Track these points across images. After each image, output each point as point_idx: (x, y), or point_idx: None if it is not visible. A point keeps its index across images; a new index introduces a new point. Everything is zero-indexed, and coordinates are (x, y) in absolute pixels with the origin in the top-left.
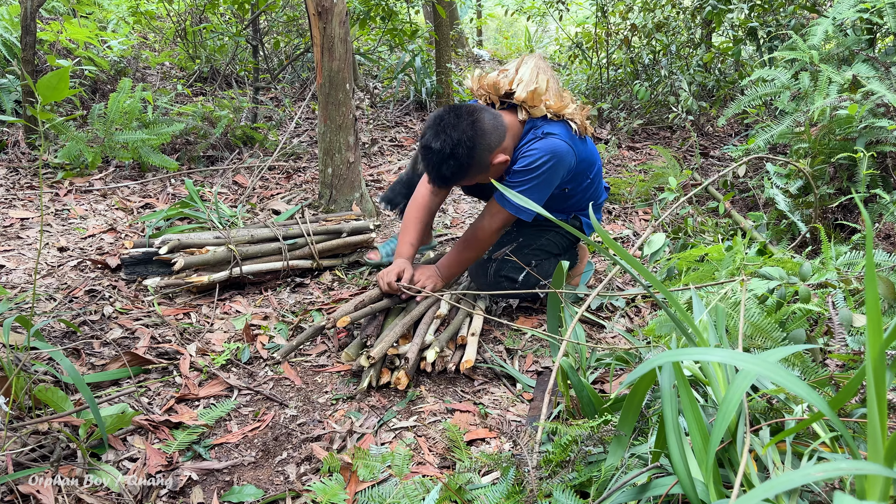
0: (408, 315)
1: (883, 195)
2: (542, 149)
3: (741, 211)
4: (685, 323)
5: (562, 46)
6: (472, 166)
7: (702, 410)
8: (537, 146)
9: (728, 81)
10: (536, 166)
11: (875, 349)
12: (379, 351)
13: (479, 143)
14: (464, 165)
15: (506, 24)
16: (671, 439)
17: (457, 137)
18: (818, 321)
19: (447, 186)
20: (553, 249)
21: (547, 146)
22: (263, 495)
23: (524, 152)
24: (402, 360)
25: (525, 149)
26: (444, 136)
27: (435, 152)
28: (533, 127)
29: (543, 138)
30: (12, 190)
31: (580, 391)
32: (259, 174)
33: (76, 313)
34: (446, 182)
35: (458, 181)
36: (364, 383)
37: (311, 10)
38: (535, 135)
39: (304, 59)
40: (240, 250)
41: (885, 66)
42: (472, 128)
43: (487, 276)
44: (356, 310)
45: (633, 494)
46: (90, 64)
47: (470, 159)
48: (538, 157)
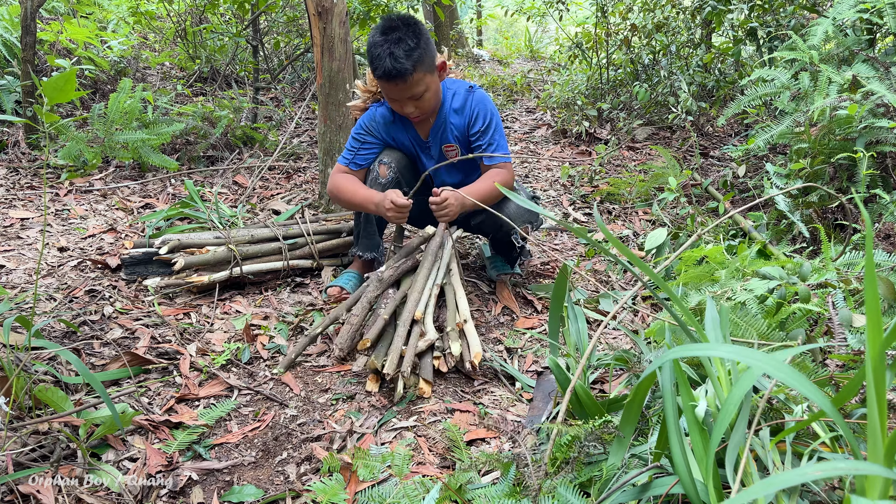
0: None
1: (883, 195)
2: (483, 99)
3: (742, 212)
4: (685, 320)
5: (562, 46)
6: (425, 50)
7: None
8: (478, 98)
9: (728, 81)
10: (494, 114)
11: (875, 349)
12: (391, 365)
13: (424, 29)
14: (418, 45)
15: (506, 24)
16: (673, 439)
17: (405, 21)
18: (818, 321)
19: (401, 76)
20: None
21: (481, 96)
22: (263, 495)
23: (478, 111)
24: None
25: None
26: (392, 22)
27: (388, 40)
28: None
29: (473, 91)
30: (12, 190)
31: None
32: (259, 174)
33: (76, 313)
34: (399, 70)
35: (410, 69)
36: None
37: (311, 10)
38: (456, 89)
39: (304, 59)
40: (240, 250)
41: (885, 66)
42: (413, 18)
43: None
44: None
45: (634, 494)
46: (90, 64)
47: (421, 38)
48: (487, 106)
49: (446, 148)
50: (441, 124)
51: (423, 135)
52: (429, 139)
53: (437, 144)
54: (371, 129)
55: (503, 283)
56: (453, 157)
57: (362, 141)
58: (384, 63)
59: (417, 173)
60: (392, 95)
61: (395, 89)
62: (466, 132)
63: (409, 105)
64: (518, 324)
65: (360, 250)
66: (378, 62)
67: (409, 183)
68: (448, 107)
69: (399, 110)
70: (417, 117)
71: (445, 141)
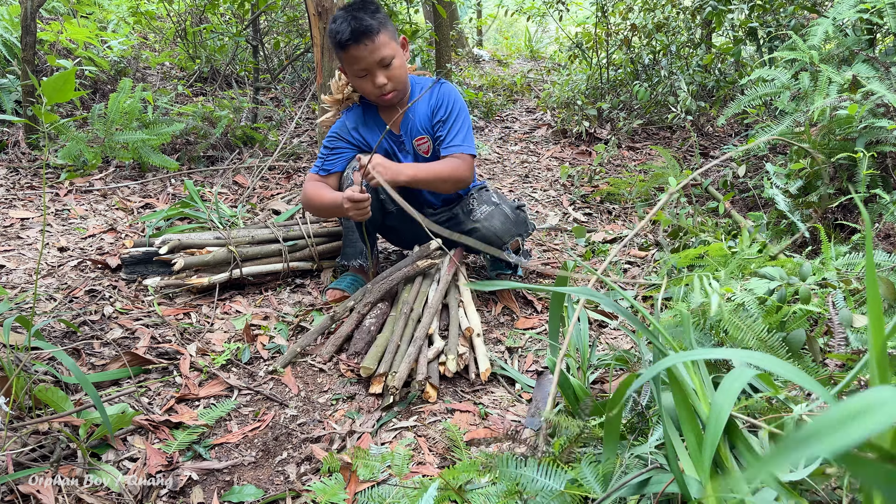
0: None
1: (883, 195)
2: (451, 90)
3: (741, 211)
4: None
5: (562, 46)
6: (386, 18)
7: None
8: (445, 90)
9: (728, 81)
10: (460, 106)
11: (878, 346)
12: (399, 380)
13: (381, 7)
14: (378, 11)
15: (506, 24)
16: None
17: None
18: (818, 321)
19: (367, 34)
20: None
21: (449, 87)
22: (263, 495)
23: (443, 100)
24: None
25: (437, 95)
26: (351, 4)
27: (348, 10)
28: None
29: (440, 83)
30: (12, 190)
31: (568, 393)
32: (259, 174)
33: (76, 313)
34: (365, 27)
35: (376, 26)
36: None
37: (311, 10)
38: (424, 82)
39: (304, 59)
40: (240, 251)
41: (885, 66)
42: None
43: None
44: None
45: (633, 490)
46: (90, 64)
47: (380, 10)
48: (453, 96)
49: (418, 141)
50: (409, 117)
51: (395, 129)
52: (401, 133)
53: (409, 138)
54: (341, 135)
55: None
56: (425, 151)
57: (332, 147)
58: (350, 25)
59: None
60: (361, 64)
61: (366, 52)
62: (431, 123)
63: (381, 75)
64: (518, 324)
65: (344, 259)
66: (343, 28)
67: (385, 190)
68: (414, 98)
69: (371, 87)
70: (391, 92)
71: (415, 134)
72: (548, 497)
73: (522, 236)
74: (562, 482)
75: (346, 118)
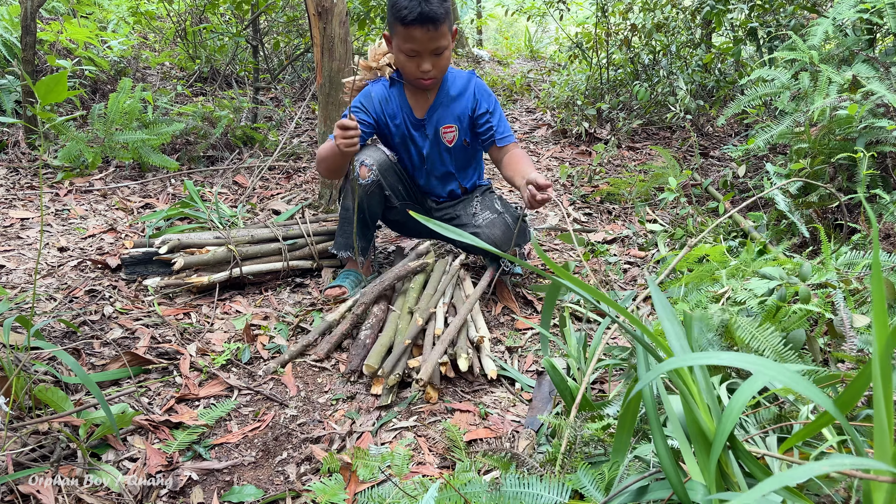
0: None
1: (883, 195)
2: (484, 83)
3: (741, 211)
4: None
5: (562, 46)
6: (450, 10)
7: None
8: (481, 84)
9: (728, 81)
10: (495, 99)
11: (882, 346)
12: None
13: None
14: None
15: (506, 24)
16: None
17: None
18: (818, 321)
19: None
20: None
21: (483, 82)
22: (263, 495)
23: (483, 93)
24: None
25: (474, 88)
26: None
27: None
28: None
29: (474, 77)
30: (12, 190)
31: (566, 395)
32: (259, 174)
33: (76, 313)
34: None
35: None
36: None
37: (311, 10)
38: (458, 73)
39: (304, 59)
40: (240, 250)
41: (885, 66)
42: None
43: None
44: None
45: (632, 497)
46: (90, 64)
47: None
48: (488, 89)
49: (445, 129)
50: (439, 104)
51: (418, 113)
52: (424, 118)
53: (433, 125)
54: (365, 106)
55: (503, 282)
56: (450, 140)
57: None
58: (420, 6)
59: (399, 176)
60: (417, 46)
61: (425, 37)
62: (472, 114)
63: (428, 60)
64: (518, 324)
65: (336, 248)
66: (412, 6)
67: (390, 185)
68: (448, 87)
69: (415, 68)
70: (431, 79)
71: (443, 122)
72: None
73: (521, 246)
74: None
75: (371, 88)
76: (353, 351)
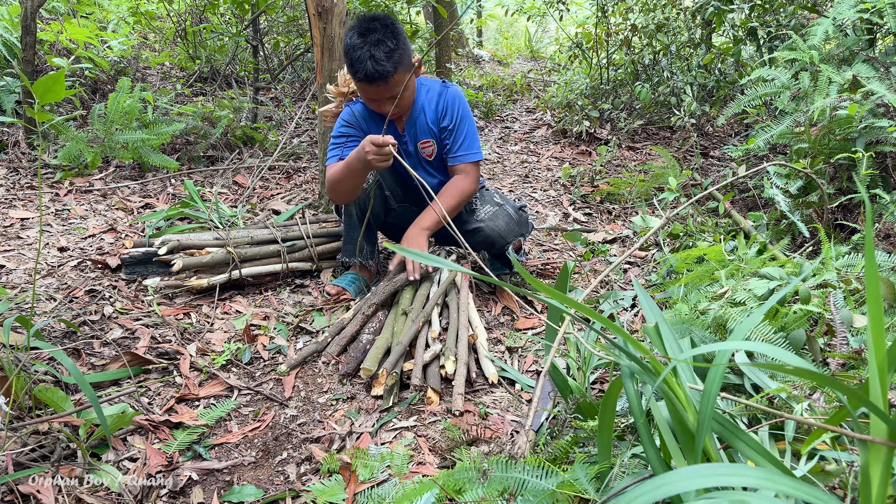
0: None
1: (883, 195)
2: (456, 94)
3: (741, 211)
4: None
5: (562, 47)
6: (404, 50)
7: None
8: (450, 95)
9: (728, 81)
10: (465, 111)
11: (880, 345)
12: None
13: (400, 28)
14: (398, 46)
15: (506, 24)
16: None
17: (383, 21)
18: (818, 321)
19: (383, 78)
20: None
21: (455, 92)
22: (263, 495)
23: (448, 106)
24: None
25: (444, 101)
26: (369, 23)
27: (368, 42)
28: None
29: (446, 87)
30: (12, 190)
31: (565, 392)
32: (259, 174)
33: (76, 313)
34: (380, 72)
35: (392, 70)
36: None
37: (311, 10)
38: (431, 85)
39: (304, 59)
40: (239, 252)
41: (885, 66)
42: (390, 17)
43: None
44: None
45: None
46: (90, 64)
47: (399, 38)
48: (458, 101)
49: (422, 144)
50: (415, 119)
51: (399, 129)
52: (404, 133)
53: (412, 140)
54: (352, 123)
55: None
56: (429, 154)
57: (347, 135)
58: (365, 66)
59: (398, 178)
60: (371, 96)
61: (376, 91)
62: (437, 128)
63: (388, 104)
64: (518, 324)
65: (344, 256)
66: (359, 65)
67: (390, 187)
68: (421, 102)
69: (377, 109)
70: (395, 115)
71: (421, 137)
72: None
73: (524, 236)
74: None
75: (353, 108)
76: (351, 353)
